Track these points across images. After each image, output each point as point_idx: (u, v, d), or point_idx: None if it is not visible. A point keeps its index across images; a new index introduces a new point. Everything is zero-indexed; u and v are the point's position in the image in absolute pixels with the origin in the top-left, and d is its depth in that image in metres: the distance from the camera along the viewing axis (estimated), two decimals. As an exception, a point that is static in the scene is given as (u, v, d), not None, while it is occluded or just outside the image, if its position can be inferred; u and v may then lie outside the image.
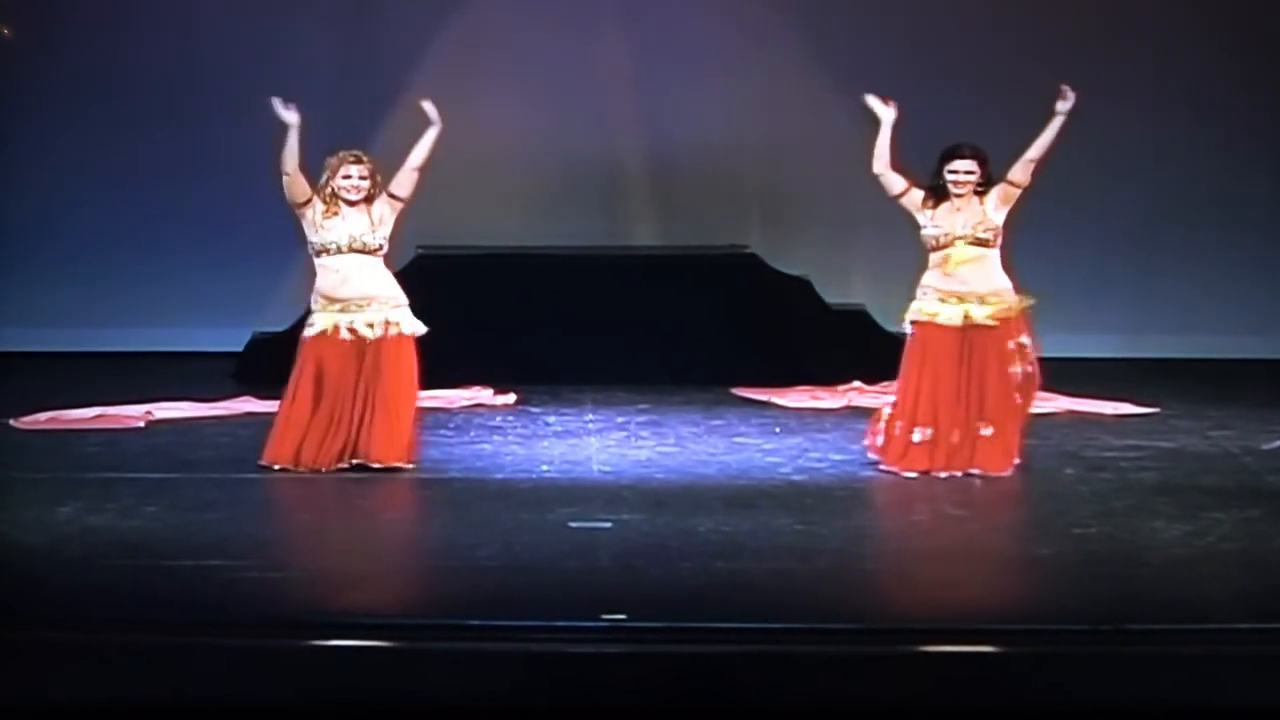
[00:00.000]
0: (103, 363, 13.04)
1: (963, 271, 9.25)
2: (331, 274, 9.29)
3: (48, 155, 13.58)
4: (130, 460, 9.54)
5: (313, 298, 9.38)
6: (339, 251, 9.27)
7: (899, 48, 13.38)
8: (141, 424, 10.61)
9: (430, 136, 9.35)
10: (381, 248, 9.33)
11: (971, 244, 9.24)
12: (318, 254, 9.31)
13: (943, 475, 9.11)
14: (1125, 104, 13.50)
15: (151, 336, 13.47)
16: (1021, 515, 8.81)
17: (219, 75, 12.76)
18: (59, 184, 13.60)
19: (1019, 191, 9.27)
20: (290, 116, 9.26)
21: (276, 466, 9.21)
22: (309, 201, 9.31)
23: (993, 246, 9.27)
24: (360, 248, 9.28)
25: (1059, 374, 11.28)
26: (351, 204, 9.29)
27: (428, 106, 9.40)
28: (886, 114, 9.36)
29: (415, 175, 9.35)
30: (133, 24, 13.53)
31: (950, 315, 9.24)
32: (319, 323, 9.30)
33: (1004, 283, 9.29)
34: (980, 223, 9.25)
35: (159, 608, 6.72)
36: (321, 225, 9.30)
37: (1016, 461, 9.27)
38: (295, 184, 9.31)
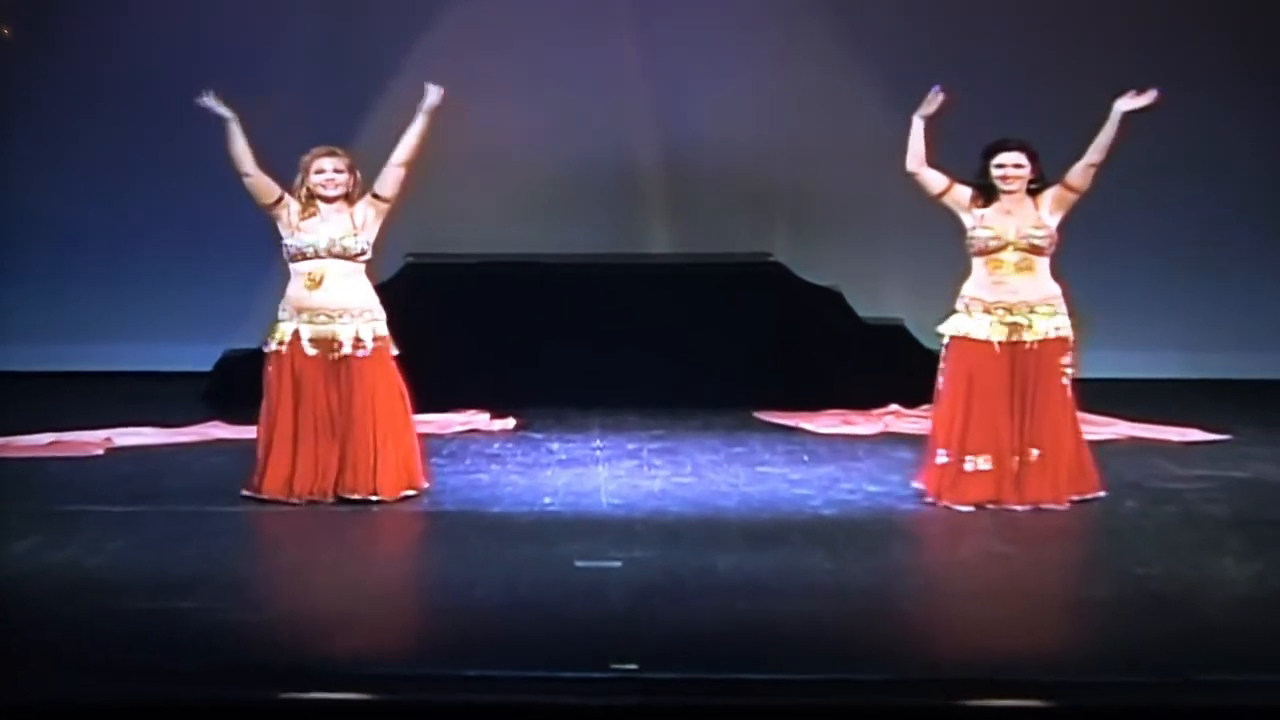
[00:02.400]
0: (61, 383, 13.12)
1: (1012, 280, 9.21)
2: (306, 280, 9.24)
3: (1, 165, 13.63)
4: (94, 491, 9.56)
5: (280, 306, 9.34)
6: (317, 256, 9.24)
7: (933, 41, 13.39)
8: (100, 451, 10.62)
9: (417, 128, 9.27)
10: (364, 253, 9.30)
11: (1024, 250, 9.20)
12: (293, 259, 9.27)
13: (1006, 508, 9.08)
14: (1189, 101, 13.48)
15: (114, 354, 13.53)
16: (1076, 552, 8.80)
17: (187, 82, 12.75)
18: (13, 192, 13.63)
19: (1076, 197, 9.23)
20: (225, 111, 9.25)
21: (265, 497, 9.19)
22: (280, 201, 9.29)
23: (1046, 254, 9.23)
24: (340, 252, 9.24)
25: (1117, 397, 11.30)
26: (329, 201, 9.27)
27: (431, 90, 9.29)
28: (925, 108, 9.35)
29: (401, 173, 9.29)
30: (114, 35, 13.60)
31: (996, 330, 9.20)
32: (283, 333, 9.27)
33: (1054, 290, 9.25)
34: (1035, 226, 9.21)
35: (126, 653, 6.72)
36: (298, 227, 9.27)
37: (1093, 495, 9.28)
38: (258, 184, 9.30)
